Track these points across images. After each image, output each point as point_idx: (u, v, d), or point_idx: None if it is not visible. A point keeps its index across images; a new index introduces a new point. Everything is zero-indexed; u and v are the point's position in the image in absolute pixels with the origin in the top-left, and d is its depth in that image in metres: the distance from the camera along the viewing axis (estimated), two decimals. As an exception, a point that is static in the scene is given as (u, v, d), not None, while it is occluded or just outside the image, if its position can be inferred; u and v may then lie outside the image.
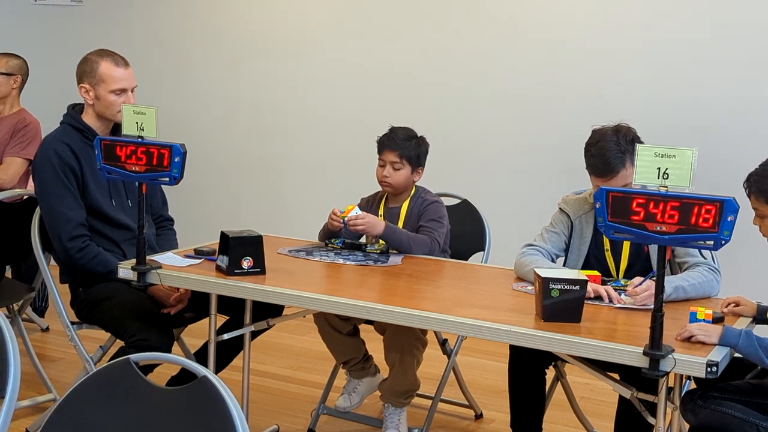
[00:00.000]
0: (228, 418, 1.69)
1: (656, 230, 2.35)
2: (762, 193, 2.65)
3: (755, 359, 2.49)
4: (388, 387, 3.56)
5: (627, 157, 3.03)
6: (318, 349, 3.98)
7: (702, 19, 4.68)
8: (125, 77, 3.53)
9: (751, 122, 4.61)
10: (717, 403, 2.65)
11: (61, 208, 3.43)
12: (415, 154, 3.63)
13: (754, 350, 2.47)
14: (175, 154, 2.99)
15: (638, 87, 4.82)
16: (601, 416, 3.78)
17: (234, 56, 5.88)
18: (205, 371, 1.76)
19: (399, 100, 5.29)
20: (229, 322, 3.50)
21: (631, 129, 3.12)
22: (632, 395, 2.70)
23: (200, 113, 6.00)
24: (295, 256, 3.41)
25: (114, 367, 1.83)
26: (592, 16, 4.92)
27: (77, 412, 1.81)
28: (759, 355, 2.46)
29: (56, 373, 4.24)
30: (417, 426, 3.69)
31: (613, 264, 3.20)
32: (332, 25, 5.58)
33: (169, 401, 1.78)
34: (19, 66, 4.84)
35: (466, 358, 4.44)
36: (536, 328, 2.63)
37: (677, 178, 2.33)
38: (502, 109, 5.18)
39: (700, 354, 2.43)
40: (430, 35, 5.30)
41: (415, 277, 3.21)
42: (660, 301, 2.37)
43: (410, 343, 3.46)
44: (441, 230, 3.57)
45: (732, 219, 2.27)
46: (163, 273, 3.12)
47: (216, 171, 5.97)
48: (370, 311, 2.84)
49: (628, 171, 3.03)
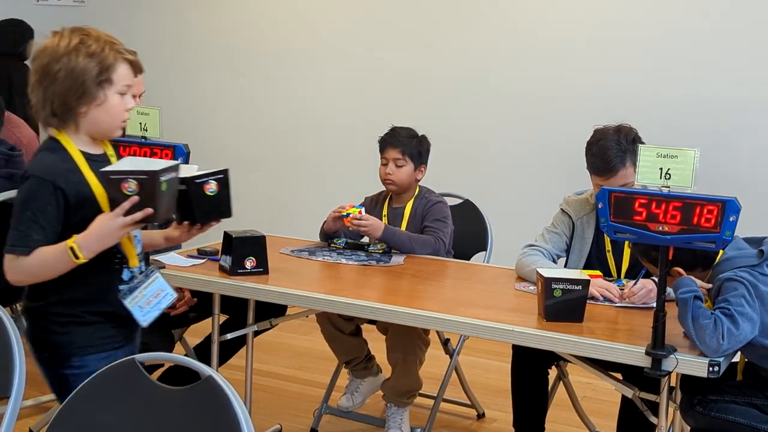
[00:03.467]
0: (233, 418, 1.69)
1: (658, 230, 2.36)
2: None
3: (682, 316, 2.47)
4: (390, 387, 3.57)
5: (627, 156, 3.04)
6: (321, 349, 3.99)
7: (704, 20, 4.68)
8: (134, 83, 3.52)
9: (753, 123, 4.61)
10: (716, 408, 2.64)
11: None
12: (417, 152, 3.64)
13: (685, 310, 2.44)
14: (178, 154, 3.00)
15: (641, 88, 4.82)
16: (604, 416, 3.78)
17: (237, 56, 5.88)
18: (211, 371, 1.76)
19: (401, 100, 5.29)
20: (229, 321, 3.50)
21: (632, 129, 3.14)
22: (634, 395, 2.71)
23: (203, 113, 6.00)
24: (297, 256, 3.42)
25: (119, 366, 1.84)
26: (595, 17, 4.92)
27: (81, 412, 1.82)
28: (686, 316, 2.44)
29: (59, 372, 4.23)
30: (419, 426, 3.69)
31: (614, 265, 3.20)
32: (335, 25, 5.58)
33: (173, 401, 1.78)
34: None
35: (469, 357, 4.44)
36: (539, 327, 2.64)
37: (679, 178, 2.34)
38: (504, 110, 5.18)
39: (702, 354, 2.43)
40: (432, 36, 5.30)
41: (417, 277, 3.22)
42: (662, 301, 2.38)
43: (413, 343, 3.47)
44: (446, 230, 3.58)
45: (734, 219, 2.28)
46: (166, 273, 3.11)
47: (218, 171, 5.97)
48: (373, 311, 2.85)
49: (628, 170, 3.04)
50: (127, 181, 2.16)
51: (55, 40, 2.25)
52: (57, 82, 2.21)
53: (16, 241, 2.20)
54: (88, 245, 2.18)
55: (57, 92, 2.22)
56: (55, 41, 2.25)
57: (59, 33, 2.27)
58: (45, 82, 2.23)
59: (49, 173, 2.21)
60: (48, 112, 2.25)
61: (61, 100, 2.23)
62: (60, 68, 2.21)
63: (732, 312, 2.44)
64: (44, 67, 2.23)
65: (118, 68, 2.28)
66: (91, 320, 2.29)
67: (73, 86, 2.21)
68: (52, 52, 2.23)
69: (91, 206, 2.23)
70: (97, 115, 2.26)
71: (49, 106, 2.24)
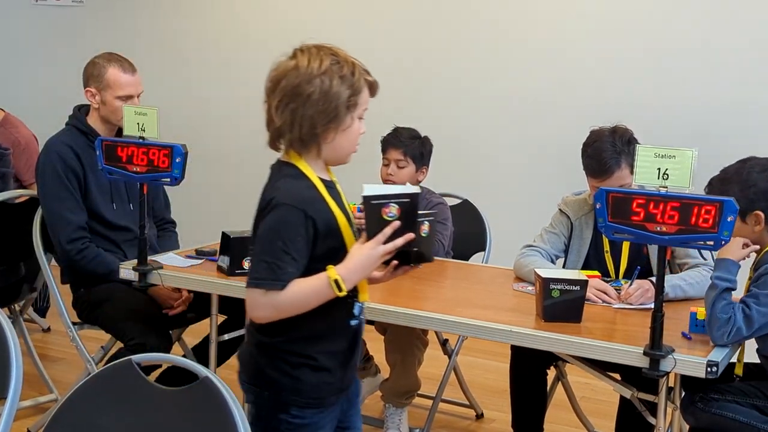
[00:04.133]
0: (229, 419, 1.69)
1: (656, 231, 2.36)
2: (723, 194, 2.68)
3: (707, 297, 2.58)
4: (389, 387, 3.57)
5: (623, 158, 3.04)
6: (319, 349, 3.98)
7: (704, 20, 4.68)
8: (132, 83, 3.53)
9: (751, 123, 4.61)
10: (717, 406, 2.65)
11: (62, 210, 3.43)
12: (419, 153, 3.63)
13: (711, 296, 2.54)
14: (176, 154, 3.00)
15: (639, 89, 4.82)
16: (602, 416, 3.78)
17: (235, 56, 5.87)
18: (207, 372, 1.76)
19: (402, 100, 5.29)
20: (227, 321, 3.50)
21: (628, 130, 3.13)
22: (633, 395, 2.71)
23: (201, 113, 6.00)
24: (296, 257, 3.41)
25: (116, 367, 1.84)
26: (594, 19, 4.92)
27: (79, 413, 1.82)
28: (709, 300, 2.54)
29: (58, 373, 4.24)
30: (418, 426, 3.69)
31: (613, 265, 3.20)
32: (334, 25, 5.57)
33: (171, 402, 1.79)
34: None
35: (467, 358, 4.44)
36: (537, 328, 2.64)
37: (677, 178, 2.34)
38: (503, 110, 5.17)
39: (700, 354, 2.43)
40: (433, 37, 5.30)
41: (416, 277, 3.21)
42: (660, 301, 2.38)
43: (411, 344, 3.47)
44: (446, 232, 3.58)
45: (732, 219, 2.28)
46: (164, 273, 3.12)
47: (217, 171, 5.97)
48: (372, 311, 2.84)
49: (623, 172, 3.04)
50: (388, 205, 2.04)
51: (304, 59, 2.09)
52: (308, 104, 2.07)
53: (266, 274, 2.03)
54: (349, 277, 2.04)
55: (307, 116, 2.07)
56: (304, 61, 2.09)
57: (306, 52, 2.11)
58: (294, 103, 2.08)
59: (299, 201, 2.06)
60: (295, 136, 2.09)
61: (311, 123, 2.08)
62: (313, 90, 2.06)
63: (752, 314, 2.51)
64: (295, 88, 2.07)
65: (363, 92, 2.15)
66: (323, 365, 2.12)
67: (325, 110, 2.07)
68: (304, 72, 2.07)
69: (336, 235, 2.10)
70: (340, 140, 2.12)
71: (298, 130, 2.09)
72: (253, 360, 2.15)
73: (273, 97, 2.11)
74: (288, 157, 2.15)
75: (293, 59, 2.11)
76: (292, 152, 2.14)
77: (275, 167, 2.18)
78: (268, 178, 2.17)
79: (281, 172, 2.16)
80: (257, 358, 2.14)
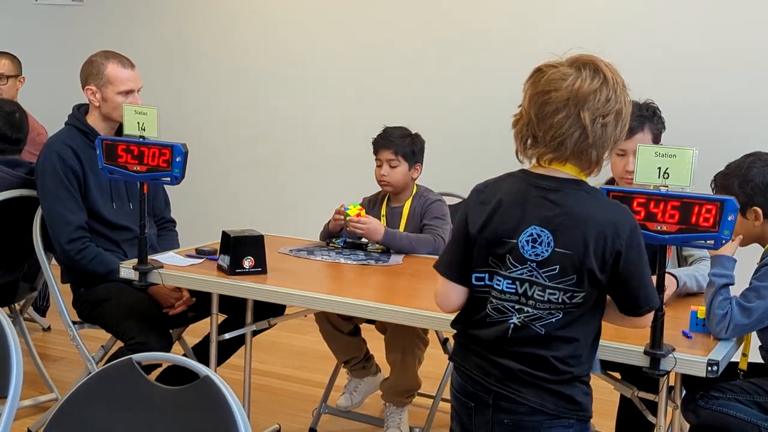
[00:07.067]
0: (230, 418, 1.69)
1: (657, 230, 2.35)
2: (725, 189, 2.73)
3: (706, 293, 2.61)
4: (389, 386, 3.57)
5: (646, 123, 3.15)
6: (319, 349, 3.98)
7: (703, 20, 4.68)
8: (132, 78, 3.54)
9: (751, 122, 4.61)
10: (718, 403, 2.65)
11: (62, 210, 3.43)
12: (411, 151, 3.63)
13: (710, 292, 2.57)
14: (176, 153, 3.00)
15: (639, 88, 4.80)
16: (602, 415, 3.77)
17: (235, 55, 5.88)
18: (208, 371, 1.76)
19: (401, 99, 5.29)
20: (228, 320, 3.50)
21: (653, 103, 3.25)
22: (633, 394, 2.70)
23: (201, 113, 6.00)
24: (296, 256, 3.42)
25: (117, 367, 1.84)
26: (595, 18, 4.92)
27: (79, 412, 1.82)
28: (708, 296, 2.57)
29: (58, 372, 4.24)
30: (418, 425, 3.69)
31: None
32: (332, 25, 5.58)
33: (171, 401, 1.78)
34: (19, 64, 4.80)
35: (467, 357, 4.43)
36: (537, 327, 2.63)
37: (677, 177, 2.34)
38: (502, 109, 5.14)
39: (701, 353, 2.43)
40: (430, 35, 5.30)
41: (416, 276, 3.22)
42: (660, 300, 2.37)
43: (411, 343, 3.47)
44: (445, 227, 3.58)
45: (732, 218, 2.27)
46: (164, 273, 3.12)
47: (217, 171, 5.97)
48: (372, 311, 2.84)
49: (646, 136, 3.14)
50: None
51: (608, 72, 2.31)
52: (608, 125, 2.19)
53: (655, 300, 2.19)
54: None
55: (608, 136, 2.18)
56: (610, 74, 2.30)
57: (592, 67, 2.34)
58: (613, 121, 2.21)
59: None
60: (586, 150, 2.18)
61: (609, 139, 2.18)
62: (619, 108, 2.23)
63: (749, 306, 2.54)
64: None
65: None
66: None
67: (619, 126, 2.20)
68: (614, 86, 2.28)
69: None
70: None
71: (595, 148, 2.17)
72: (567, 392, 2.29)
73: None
74: (582, 176, 2.23)
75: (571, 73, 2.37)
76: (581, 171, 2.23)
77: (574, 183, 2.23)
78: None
79: (587, 188, 2.22)
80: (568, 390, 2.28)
